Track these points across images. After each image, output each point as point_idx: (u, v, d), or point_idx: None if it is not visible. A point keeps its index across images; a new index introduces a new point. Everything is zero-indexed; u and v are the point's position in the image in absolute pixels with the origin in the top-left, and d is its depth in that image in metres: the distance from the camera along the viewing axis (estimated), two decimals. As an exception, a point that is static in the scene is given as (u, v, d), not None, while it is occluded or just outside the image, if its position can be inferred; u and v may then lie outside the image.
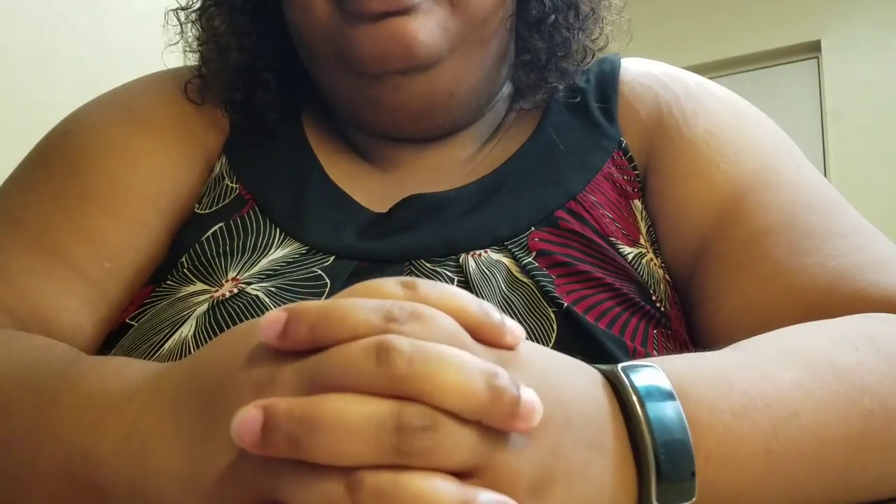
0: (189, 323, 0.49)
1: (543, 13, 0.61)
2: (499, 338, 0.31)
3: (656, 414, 0.32)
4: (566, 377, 0.32)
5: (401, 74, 0.56)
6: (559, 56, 0.62)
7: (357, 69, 0.57)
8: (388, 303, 0.29)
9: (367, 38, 0.54)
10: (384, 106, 0.59)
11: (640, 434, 0.32)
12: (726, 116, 0.60)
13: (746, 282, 0.52)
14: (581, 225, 0.55)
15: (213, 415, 0.30)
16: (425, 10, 0.54)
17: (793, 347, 0.40)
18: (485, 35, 0.58)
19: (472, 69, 0.59)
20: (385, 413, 0.26)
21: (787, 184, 0.55)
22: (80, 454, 0.34)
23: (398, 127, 0.61)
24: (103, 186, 0.56)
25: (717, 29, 3.95)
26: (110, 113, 0.61)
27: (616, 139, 0.61)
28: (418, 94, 0.57)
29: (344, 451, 0.26)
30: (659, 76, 0.64)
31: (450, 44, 0.56)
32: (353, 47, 0.55)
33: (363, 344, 0.27)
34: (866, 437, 0.37)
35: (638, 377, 0.33)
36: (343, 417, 0.26)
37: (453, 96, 0.59)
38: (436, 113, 0.60)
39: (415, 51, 0.54)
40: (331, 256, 0.54)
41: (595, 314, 0.50)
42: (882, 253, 0.51)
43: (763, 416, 0.35)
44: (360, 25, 0.54)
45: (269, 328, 0.29)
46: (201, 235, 0.55)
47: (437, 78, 0.57)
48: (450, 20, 0.55)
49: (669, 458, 0.31)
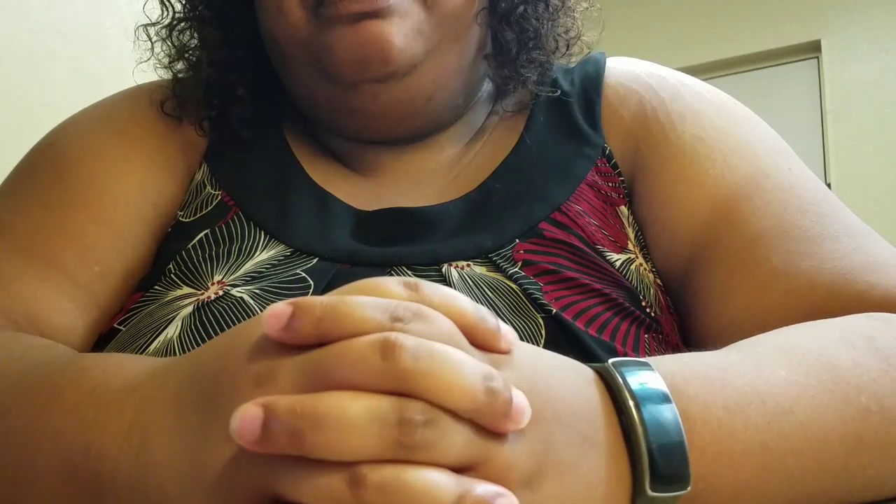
0: (174, 324, 0.50)
1: (512, 4, 0.61)
2: (494, 342, 0.31)
3: (652, 416, 0.32)
4: (557, 375, 0.33)
5: (378, 82, 0.56)
6: (529, 47, 0.62)
7: (334, 77, 0.57)
8: (394, 303, 0.29)
9: (343, 41, 0.54)
10: (363, 114, 0.59)
11: (636, 436, 0.32)
12: (714, 118, 0.60)
13: (746, 286, 0.52)
14: (566, 234, 0.55)
15: (213, 408, 0.30)
16: (401, 14, 0.54)
17: (788, 346, 0.40)
18: (459, 32, 0.58)
19: (450, 70, 0.59)
20: (387, 408, 0.27)
21: (779, 188, 0.55)
22: (82, 449, 0.34)
23: (376, 132, 0.61)
24: (88, 194, 0.58)
25: (717, 29, 3.95)
26: (93, 125, 0.63)
27: (600, 146, 0.61)
28: (397, 101, 0.57)
29: (346, 445, 0.27)
30: (644, 78, 0.63)
31: (426, 47, 0.56)
32: (330, 53, 0.55)
33: (369, 339, 0.28)
34: (864, 437, 0.37)
35: (633, 378, 0.33)
36: (346, 412, 0.27)
37: (432, 99, 0.59)
38: (415, 117, 0.60)
39: (391, 55, 0.54)
40: (314, 258, 0.54)
41: (584, 320, 0.50)
42: (878, 253, 0.50)
43: (757, 412, 0.35)
44: (336, 29, 0.54)
45: (273, 320, 0.29)
46: (188, 243, 0.56)
47: (416, 83, 0.57)
48: (424, 22, 0.55)
49: (665, 459, 0.32)
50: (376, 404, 0.27)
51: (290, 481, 0.28)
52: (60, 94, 1.67)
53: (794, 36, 3.83)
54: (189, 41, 0.65)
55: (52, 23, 1.72)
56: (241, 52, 0.63)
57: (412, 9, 0.55)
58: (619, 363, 0.34)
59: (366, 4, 0.53)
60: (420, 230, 0.56)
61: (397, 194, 0.60)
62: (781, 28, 3.84)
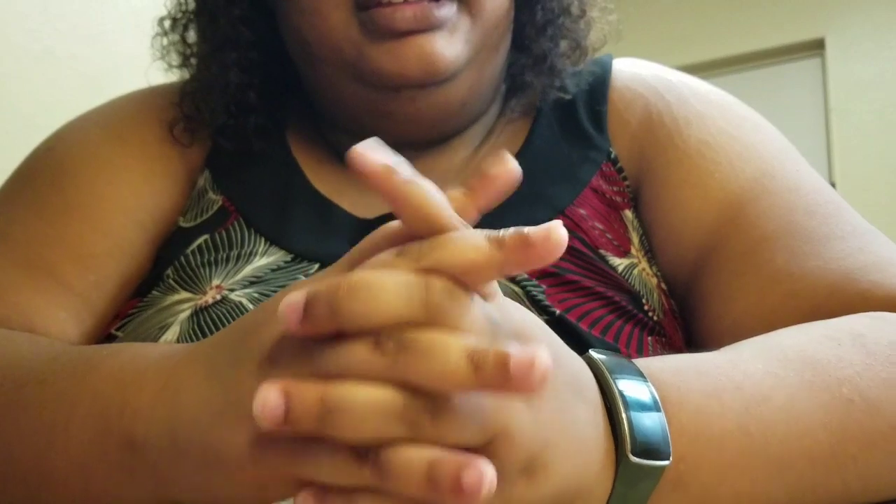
0: (173, 329, 0.50)
1: (541, 15, 0.61)
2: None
3: (629, 387, 0.34)
4: (549, 332, 0.34)
5: (419, 88, 0.55)
6: (553, 56, 0.62)
7: (372, 83, 0.56)
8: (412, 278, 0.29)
9: (390, 55, 0.53)
10: (398, 117, 0.58)
11: (615, 405, 0.33)
12: (719, 121, 0.59)
13: (748, 288, 0.52)
14: (570, 237, 0.55)
15: (242, 346, 0.32)
16: (450, 27, 0.54)
17: (770, 343, 0.41)
18: (496, 40, 0.58)
19: (485, 76, 0.59)
20: (392, 394, 0.27)
21: (785, 189, 0.55)
22: (118, 407, 0.35)
23: (404, 135, 0.60)
24: (86, 201, 0.58)
25: (721, 27, 3.94)
26: (93, 131, 0.62)
27: (605, 150, 0.61)
28: (434, 106, 0.57)
29: (360, 430, 0.27)
30: (650, 81, 0.63)
31: (469, 56, 0.56)
32: (373, 63, 0.54)
33: (367, 339, 0.28)
34: (849, 427, 0.37)
35: (610, 360, 0.35)
36: (356, 397, 0.27)
37: (466, 104, 0.59)
38: (448, 121, 0.60)
39: (439, 67, 0.53)
40: (316, 264, 0.54)
41: (588, 322, 0.50)
42: (883, 253, 0.50)
43: (733, 398, 0.36)
44: (383, 43, 0.53)
45: (292, 316, 0.29)
46: (186, 248, 0.56)
47: (454, 89, 0.57)
48: (471, 31, 0.55)
49: (642, 427, 0.33)
50: (382, 392, 0.27)
51: (309, 460, 0.29)
52: (61, 94, 1.67)
53: (798, 34, 3.82)
54: (202, 42, 0.64)
55: (50, 21, 1.71)
56: (256, 54, 0.62)
57: (461, 21, 0.55)
58: (596, 352, 0.36)
59: (422, 22, 0.52)
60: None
61: None
62: (785, 26, 3.84)
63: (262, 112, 0.62)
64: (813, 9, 3.79)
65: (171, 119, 0.63)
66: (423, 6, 0.52)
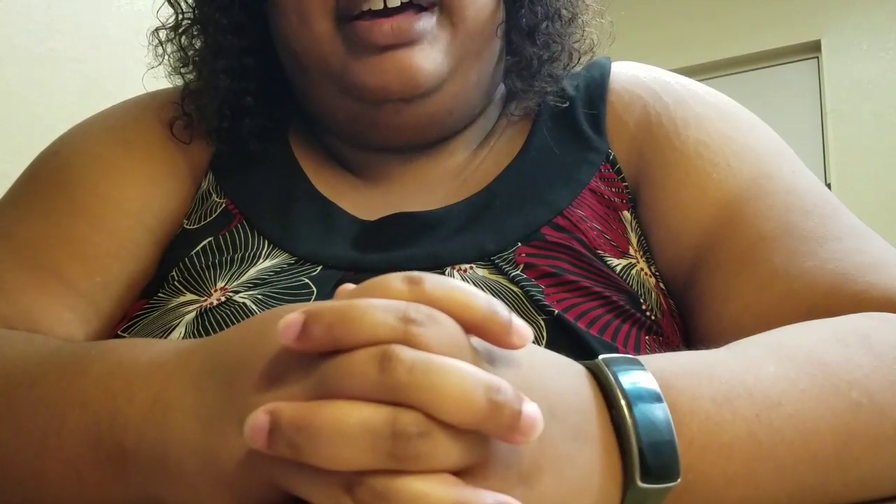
0: (178, 330, 0.50)
1: (533, 21, 0.62)
2: (505, 337, 0.31)
3: (644, 415, 0.33)
4: (551, 372, 0.34)
5: (403, 101, 0.56)
6: (546, 61, 0.63)
7: (357, 96, 0.57)
8: (402, 304, 0.30)
9: (371, 70, 0.54)
10: (384, 127, 0.59)
11: (627, 434, 0.33)
12: (717, 123, 0.60)
13: (746, 288, 0.52)
14: (568, 238, 0.55)
15: (229, 397, 0.32)
16: (430, 40, 0.54)
17: (779, 344, 0.41)
18: (480, 47, 0.59)
19: (470, 84, 0.60)
20: (381, 420, 0.27)
21: (782, 190, 0.55)
22: (108, 417, 0.36)
23: (394, 142, 0.61)
24: (91, 203, 0.58)
25: (717, 29, 3.95)
26: (98, 134, 0.63)
27: (604, 152, 0.61)
28: (419, 116, 0.58)
29: (341, 457, 0.27)
30: (648, 83, 0.64)
31: (450, 66, 0.56)
32: (355, 77, 0.55)
33: (369, 352, 0.28)
34: (856, 430, 0.37)
35: (625, 377, 0.34)
36: (340, 425, 0.27)
37: (453, 113, 0.60)
38: (435, 129, 0.61)
39: (420, 81, 0.54)
40: (318, 266, 0.55)
41: (586, 321, 0.50)
42: (879, 254, 0.51)
43: (745, 404, 0.36)
44: (364, 57, 0.54)
45: (288, 331, 0.29)
46: (191, 250, 0.57)
47: (439, 100, 0.58)
48: (451, 42, 0.56)
49: (655, 456, 0.32)
50: (371, 415, 0.27)
51: (295, 480, 0.29)
52: (61, 94, 1.67)
53: (794, 36, 3.83)
54: (198, 46, 0.64)
55: (51, 22, 1.72)
56: (251, 60, 0.62)
57: (441, 32, 0.55)
58: (609, 360, 0.35)
59: (401, 37, 0.53)
60: (422, 233, 0.56)
61: (404, 201, 0.60)
62: (781, 28, 3.84)
63: (260, 115, 0.63)
64: (809, 11, 3.79)
65: (171, 119, 0.63)
66: (401, 19, 0.53)
